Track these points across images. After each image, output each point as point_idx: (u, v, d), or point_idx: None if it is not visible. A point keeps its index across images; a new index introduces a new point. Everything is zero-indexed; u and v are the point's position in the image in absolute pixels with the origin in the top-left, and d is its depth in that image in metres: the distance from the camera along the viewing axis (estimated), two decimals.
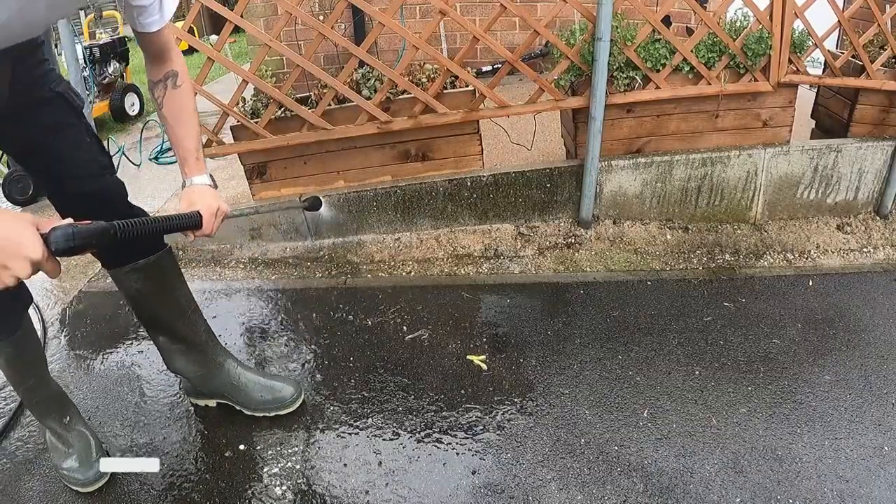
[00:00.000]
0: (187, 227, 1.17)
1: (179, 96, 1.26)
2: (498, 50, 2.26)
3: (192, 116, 1.28)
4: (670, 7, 2.30)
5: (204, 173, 1.29)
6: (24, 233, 0.81)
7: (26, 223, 0.83)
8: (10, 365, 1.33)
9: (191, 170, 1.28)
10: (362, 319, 2.03)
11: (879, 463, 1.46)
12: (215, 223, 1.22)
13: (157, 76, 1.25)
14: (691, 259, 2.38)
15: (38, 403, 1.43)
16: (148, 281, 1.43)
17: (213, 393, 1.62)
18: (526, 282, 2.25)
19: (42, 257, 0.82)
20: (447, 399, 1.67)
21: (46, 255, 0.83)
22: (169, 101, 1.25)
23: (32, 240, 0.81)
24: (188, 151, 1.27)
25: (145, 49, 1.22)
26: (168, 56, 1.24)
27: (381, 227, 2.50)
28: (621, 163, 2.43)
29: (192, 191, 1.26)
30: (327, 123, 2.25)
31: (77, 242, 0.85)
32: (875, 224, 2.57)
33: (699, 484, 1.41)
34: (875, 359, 1.80)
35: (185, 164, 1.28)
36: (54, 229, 0.85)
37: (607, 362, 1.80)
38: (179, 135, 1.27)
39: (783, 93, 2.42)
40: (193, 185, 1.27)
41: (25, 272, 0.81)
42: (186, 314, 1.52)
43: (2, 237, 0.79)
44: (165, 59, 1.24)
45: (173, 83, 1.25)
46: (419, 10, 4.12)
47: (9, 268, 0.80)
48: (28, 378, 1.38)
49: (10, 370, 1.35)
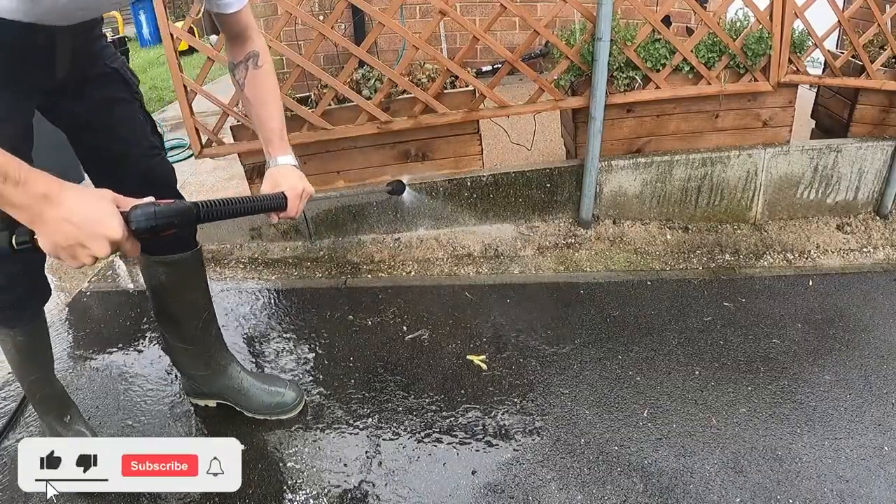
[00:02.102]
0: (272, 209, 1.13)
1: (261, 77, 1.23)
2: (498, 50, 2.26)
3: (274, 96, 1.25)
4: (670, 7, 2.30)
5: (288, 153, 1.25)
6: (104, 211, 0.79)
7: (107, 201, 0.81)
8: (20, 355, 1.33)
9: (275, 150, 1.24)
10: (362, 319, 2.03)
11: (879, 463, 1.46)
12: (300, 205, 1.18)
13: (238, 57, 1.23)
14: (691, 259, 2.38)
15: (41, 399, 1.43)
16: (173, 276, 1.42)
17: (214, 394, 1.62)
18: (526, 282, 2.25)
19: (122, 237, 0.80)
20: (447, 399, 1.67)
21: (126, 235, 0.81)
22: (251, 81, 1.23)
23: (113, 219, 0.79)
24: (272, 132, 1.24)
25: (225, 31, 1.21)
26: (248, 36, 1.21)
27: (381, 227, 2.50)
28: (621, 163, 2.43)
29: (276, 171, 1.21)
30: (327, 123, 2.25)
31: (158, 222, 0.83)
32: (875, 224, 2.57)
33: (699, 484, 1.41)
34: (875, 359, 1.80)
35: (270, 145, 1.24)
36: (135, 208, 0.82)
37: (607, 362, 1.80)
38: (263, 115, 1.24)
39: (783, 93, 2.42)
40: (278, 165, 1.22)
41: (104, 251, 0.79)
42: (202, 316, 1.51)
43: (82, 215, 0.78)
44: (246, 40, 1.22)
45: (255, 63, 1.22)
46: (419, 10, 4.12)
47: (87, 247, 0.79)
48: (35, 371, 1.38)
49: (20, 361, 1.34)
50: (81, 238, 0.78)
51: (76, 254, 0.79)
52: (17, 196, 0.75)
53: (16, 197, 0.75)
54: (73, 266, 0.81)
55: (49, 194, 0.77)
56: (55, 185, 0.78)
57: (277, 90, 1.26)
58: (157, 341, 1.95)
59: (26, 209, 0.76)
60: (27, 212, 0.77)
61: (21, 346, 1.31)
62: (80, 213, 0.78)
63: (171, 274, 1.42)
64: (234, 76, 1.25)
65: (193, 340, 1.52)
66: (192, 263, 1.45)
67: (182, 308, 1.49)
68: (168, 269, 1.41)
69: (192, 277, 1.47)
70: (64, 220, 0.77)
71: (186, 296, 1.48)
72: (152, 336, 1.98)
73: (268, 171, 1.23)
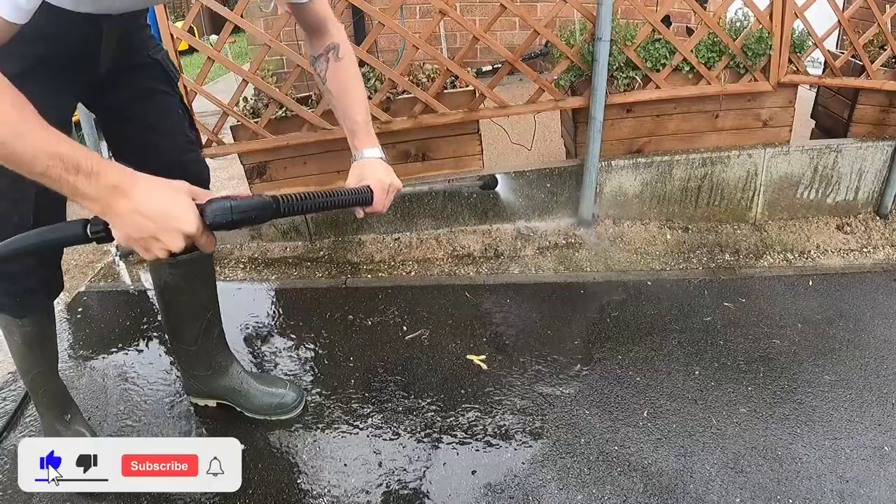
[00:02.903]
0: (357, 203, 1.07)
1: (343, 69, 1.19)
2: (498, 50, 2.26)
3: (358, 88, 1.21)
4: (670, 7, 2.31)
5: (375, 146, 1.19)
6: (180, 205, 0.78)
7: (182, 193, 0.80)
8: (26, 346, 1.32)
9: (361, 142, 1.19)
10: (362, 319, 2.02)
11: (879, 463, 1.46)
12: (387, 199, 1.12)
13: (317, 50, 1.20)
14: (691, 259, 2.38)
15: (44, 394, 1.42)
16: (180, 277, 1.41)
17: (215, 394, 1.61)
18: (526, 282, 2.25)
19: (197, 231, 0.79)
20: (447, 399, 1.67)
21: (201, 229, 0.80)
22: (332, 74, 1.19)
23: (188, 213, 0.78)
24: (357, 124, 1.19)
25: (302, 23, 1.18)
26: (326, 28, 1.18)
27: (381, 227, 2.50)
28: (621, 163, 2.43)
29: (362, 164, 1.16)
30: (327, 123, 2.25)
31: (235, 217, 0.81)
32: (875, 224, 2.57)
33: (699, 484, 1.41)
34: (875, 359, 1.80)
35: (355, 137, 1.19)
36: (211, 202, 0.81)
37: (607, 362, 1.80)
38: (346, 108, 1.20)
39: (783, 93, 2.42)
40: (364, 158, 1.18)
41: (178, 245, 0.78)
42: (206, 317, 1.51)
43: (155, 208, 0.77)
44: (324, 32, 1.19)
45: (335, 56, 1.18)
46: (419, 10, 4.12)
47: (160, 240, 0.78)
48: (40, 365, 1.37)
49: (25, 353, 1.34)
50: (155, 231, 0.77)
51: (149, 246, 0.79)
52: (88, 188, 0.75)
53: (87, 188, 0.75)
54: (146, 258, 0.81)
55: (120, 186, 0.76)
56: (127, 176, 0.77)
57: (361, 81, 1.23)
58: (157, 341, 1.95)
59: (98, 201, 0.76)
60: (99, 203, 0.76)
61: (29, 337, 1.30)
62: (154, 205, 0.77)
63: (179, 275, 1.41)
64: (315, 69, 1.22)
65: (197, 340, 1.52)
66: (202, 264, 1.44)
67: (188, 308, 1.48)
68: (176, 269, 1.40)
69: (200, 278, 1.46)
70: (136, 213, 0.76)
71: (193, 297, 1.47)
72: (152, 336, 1.98)
73: (354, 164, 1.18)
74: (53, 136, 0.74)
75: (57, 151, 0.73)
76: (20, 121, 0.72)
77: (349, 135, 1.21)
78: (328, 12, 1.17)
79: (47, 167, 0.73)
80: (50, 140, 0.73)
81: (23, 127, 0.72)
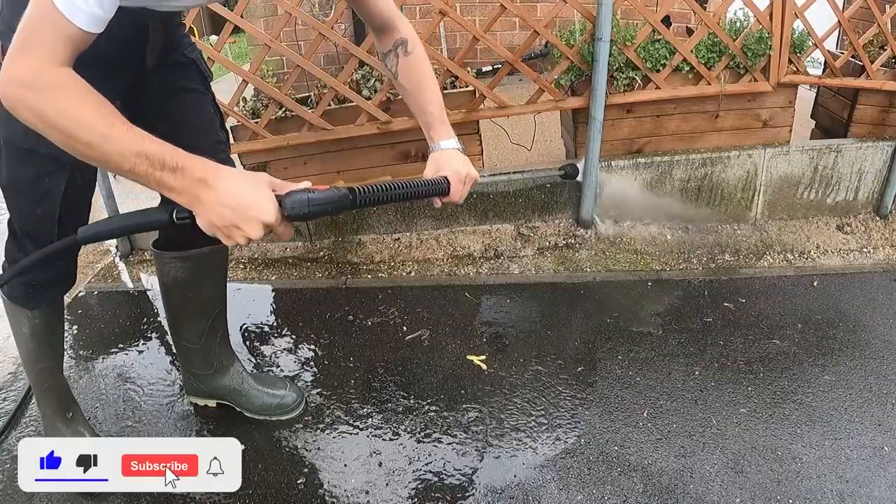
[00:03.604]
0: (434, 194, 1.09)
1: (414, 63, 1.20)
2: (498, 50, 2.26)
3: (431, 81, 1.23)
4: (670, 7, 2.31)
5: (452, 137, 1.21)
6: (259, 196, 0.82)
7: (263, 185, 0.84)
8: (34, 338, 1.32)
9: (437, 134, 1.21)
10: (362, 319, 2.03)
11: (879, 463, 1.46)
12: (464, 190, 1.14)
13: (386, 46, 1.21)
14: (691, 259, 2.38)
15: (47, 389, 1.42)
16: (188, 273, 1.41)
17: (215, 394, 1.61)
18: (526, 282, 2.25)
19: (275, 221, 0.83)
20: (447, 399, 1.67)
21: (279, 219, 0.84)
22: (404, 69, 1.21)
23: (268, 203, 0.82)
24: (432, 116, 1.21)
25: (367, 21, 1.19)
26: (393, 24, 1.19)
27: (381, 227, 2.50)
28: (621, 163, 2.43)
29: (439, 155, 1.18)
30: (327, 123, 2.25)
31: (312, 209, 0.85)
32: (875, 224, 2.57)
33: (699, 484, 1.41)
34: (875, 359, 1.80)
35: (431, 129, 1.22)
36: (290, 194, 0.85)
37: (607, 362, 1.80)
38: (421, 101, 1.22)
39: (783, 93, 2.42)
40: (441, 149, 1.20)
41: (257, 234, 0.83)
42: (213, 314, 1.50)
43: (238, 199, 0.81)
44: (391, 28, 1.19)
45: (404, 51, 1.19)
46: (419, 10, 4.12)
47: (241, 228, 0.82)
48: (45, 359, 1.37)
49: (32, 345, 1.34)
50: (236, 220, 0.81)
51: (231, 234, 0.83)
52: (174, 181, 0.80)
53: (173, 182, 0.80)
54: (228, 244, 0.85)
55: (206, 178, 0.81)
56: (212, 169, 0.82)
57: (432, 74, 1.24)
58: (158, 341, 1.95)
59: (185, 193, 0.81)
60: (185, 195, 0.81)
61: (37, 329, 1.31)
62: (236, 196, 0.81)
63: (186, 270, 1.40)
64: (386, 65, 1.23)
65: (201, 338, 1.51)
66: (213, 260, 1.43)
67: (193, 305, 1.47)
68: (184, 264, 1.39)
69: (209, 273, 1.45)
70: (220, 204, 0.81)
71: (200, 293, 1.46)
72: (152, 336, 1.98)
73: (431, 156, 1.20)
74: (138, 135, 0.79)
75: (143, 150, 0.78)
76: (107, 124, 0.77)
77: (424, 127, 1.24)
78: (392, 8, 1.18)
79: (134, 164, 0.78)
80: (135, 140, 0.78)
81: (109, 130, 0.77)
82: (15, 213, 1.18)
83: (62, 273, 1.27)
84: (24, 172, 1.10)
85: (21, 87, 0.76)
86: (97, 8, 0.77)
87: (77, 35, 0.77)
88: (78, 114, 0.76)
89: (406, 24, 1.21)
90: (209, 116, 1.31)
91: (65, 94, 0.77)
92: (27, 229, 1.18)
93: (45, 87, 0.76)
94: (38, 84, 0.76)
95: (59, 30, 0.76)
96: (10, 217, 1.19)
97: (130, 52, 1.10)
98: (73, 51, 0.78)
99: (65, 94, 0.77)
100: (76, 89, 0.77)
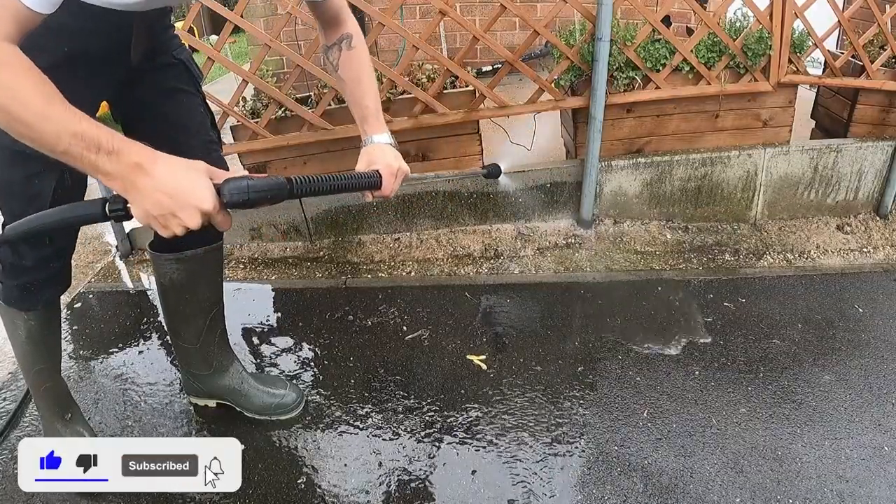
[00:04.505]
0: (365, 187, 1.12)
1: (355, 57, 1.23)
2: (498, 50, 2.26)
3: (369, 76, 1.25)
4: (670, 7, 2.31)
5: (384, 132, 1.24)
6: (197, 182, 0.81)
7: (200, 173, 0.83)
8: (31, 341, 1.32)
9: (371, 128, 1.23)
10: (362, 319, 2.03)
11: (879, 463, 1.46)
12: (395, 183, 1.17)
13: (330, 40, 1.24)
14: (691, 259, 2.38)
15: (45, 391, 1.42)
16: (185, 273, 1.41)
17: (215, 394, 1.61)
18: (526, 282, 2.25)
19: (213, 209, 0.82)
20: (447, 399, 1.67)
21: (217, 207, 0.83)
22: (345, 62, 1.23)
23: (205, 190, 0.82)
24: (367, 110, 1.24)
25: (318, 18, 1.22)
26: (341, 20, 1.22)
27: (381, 227, 2.50)
28: (621, 163, 2.43)
29: (371, 149, 1.21)
30: (327, 123, 2.25)
31: (251, 196, 0.84)
32: (875, 224, 2.57)
33: (699, 484, 1.41)
34: (875, 359, 1.80)
35: (365, 122, 1.24)
36: (228, 181, 0.84)
37: (607, 362, 1.80)
38: (357, 95, 1.24)
39: (783, 93, 2.42)
40: (373, 143, 1.22)
41: (195, 222, 0.82)
42: (210, 314, 1.50)
43: (175, 185, 0.80)
44: (339, 24, 1.22)
45: (348, 45, 1.22)
46: (419, 10, 4.12)
47: (178, 217, 0.81)
48: (42, 361, 1.37)
49: (29, 347, 1.34)
50: (173, 208, 0.80)
51: (168, 223, 0.81)
52: (109, 165, 0.78)
53: (108, 166, 0.78)
54: (164, 235, 0.84)
55: (142, 164, 0.79)
56: (148, 154, 0.80)
57: (371, 70, 1.26)
58: (158, 341, 1.95)
59: (119, 178, 0.79)
60: (120, 181, 0.79)
61: (33, 331, 1.31)
62: (173, 183, 0.80)
63: (183, 270, 1.40)
64: (328, 58, 1.25)
65: (199, 338, 1.51)
66: (209, 259, 1.43)
67: (191, 305, 1.47)
68: (181, 265, 1.39)
69: (206, 273, 1.45)
70: (156, 190, 0.79)
71: (198, 293, 1.46)
72: (152, 336, 1.98)
73: (363, 149, 1.22)
74: (76, 115, 0.77)
75: (78, 130, 0.76)
76: (45, 102, 0.75)
77: (359, 121, 1.25)
78: (343, 7, 1.21)
79: (69, 145, 0.76)
80: (72, 120, 0.76)
81: (47, 108, 0.75)
82: (7, 215, 1.17)
83: (56, 274, 1.27)
84: (15, 174, 1.10)
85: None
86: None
87: (26, 14, 0.76)
88: (18, 90, 0.74)
89: (353, 21, 1.24)
90: (200, 116, 1.32)
91: (7, 70, 0.74)
92: None
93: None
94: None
95: (7, 7, 0.75)
96: (4, 220, 1.19)
97: (116, 50, 1.10)
98: (21, 29, 0.77)
99: (7, 70, 0.74)
100: (19, 66, 0.75)
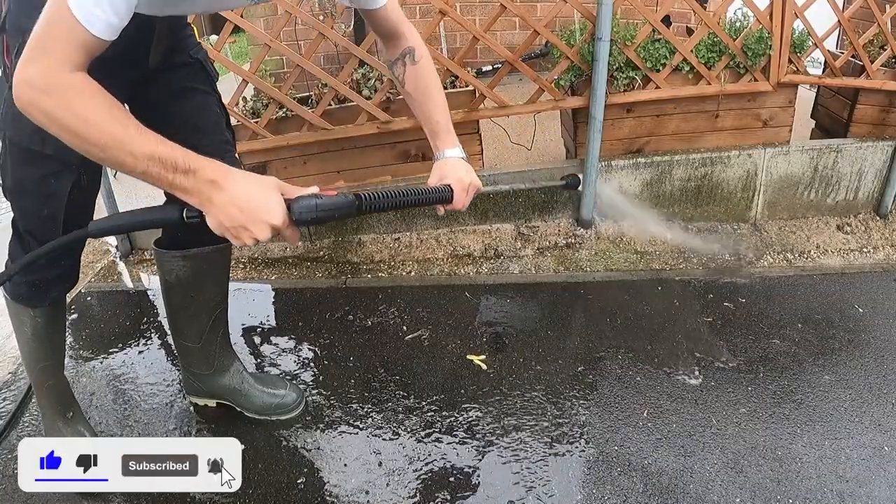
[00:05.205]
0: (437, 202, 1.13)
1: (422, 71, 1.23)
2: (498, 50, 2.26)
3: (437, 90, 1.25)
4: (670, 7, 2.31)
5: (456, 146, 1.23)
6: (269, 198, 0.85)
7: (272, 189, 0.86)
8: (36, 337, 1.33)
9: (442, 143, 1.23)
10: (362, 319, 2.03)
11: (879, 463, 1.46)
12: (467, 198, 1.17)
13: (393, 55, 1.23)
14: (691, 259, 2.38)
15: (48, 388, 1.42)
16: (190, 272, 1.41)
17: (215, 393, 1.61)
18: (526, 282, 2.25)
19: (282, 224, 0.86)
20: (447, 399, 1.67)
21: (287, 223, 0.87)
22: (410, 77, 1.23)
23: (276, 206, 0.85)
24: (438, 125, 1.24)
25: (375, 29, 1.21)
26: (400, 32, 1.21)
27: (381, 226, 2.50)
28: (621, 163, 2.43)
29: (443, 164, 1.21)
30: (327, 123, 2.25)
31: (319, 214, 0.87)
32: (875, 224, 2.58)
33: (699, 484, 1.41)
34: (875, 359, 1.80)
35: (436, 138, 1.24)
36: (299, 198, 0.87)
37: (607, 362, 1.80)
38: (427, 110, 1.24)
39: (783, 93, 2.42)
40: (445, 157, 1.22)
41: (265, 235, 0.86)
42: (214, 314, 1.50)
43: (248, 200, 0.84)
44: (399, 36, 1.21)
45: (412, 59, 1.21)
46: (419, 10, 4.12)
47: (249, 230, 0.85)
48: (46, 358, 1.37)
49: (34, 344, 1.34)
50: (245, 221, 0.84)
51: (239, 234, 0.86)
52: (186, 183, 0.83)
53: (186, 184, 0.83)
54: (235, 244, 0.89)
55: (217, 180, 0.84)
56: (222, 171, 0.85)
57: (439, 83, 1.26)
58: (158, 341, 1.95)
59: (196, 194, 0.84)
60: (197, 196, 0.84)
61: (38, 328, 1.31)
62: (245, 198, 0.84)
63: (189, 269, 1.40)
64: (393, 73, 1.25)
65: (201, 337, 1.51)
66: (215, 259, 1.43)
67: (195, 304, 1.47)
68: (186, 262, 1.39)
69: (211, 272, 1.45)
70: (230, 204, 0.84)
71: (202, 292, 1.45)
72: (152, 336, 1.98)
73: (435, 164, 1.22)
74: (150, 138, 0.81)
75: (155, 153, 0.81)
76: (119, 127, 0.79)
77: (430, 136, 1.26)
78: (400, 16, 1.20)
79: (147, 167, 0.81)
80: (147, 143, 0.81)
81: (122, 133, 0.79)
82: (19, 213, 1.18)
83: (65, 272, 1.28)
84: (30, 173, 1.10)
85: (34, 90, 0.77)
86: (113, 16, 0.78)
87: (92, 42, 0.78)
88: (91, 117, 0.78)
89: (413, 32, 1.22)
90: (215, 116, 1.32)
91: (78, 97, 0.78)
92: (31, 230, 1.19)
93: (59, 91, 0.77)
94: (52, 88, 0.77)
95: (74, 36, 0.77)
96: (15, 217, 1.20)
97: (135, 50, 1.11)
98: (87, 56, 0.79)
99: (78, 97, 0.78)
100: (90, 93, 0.79)
